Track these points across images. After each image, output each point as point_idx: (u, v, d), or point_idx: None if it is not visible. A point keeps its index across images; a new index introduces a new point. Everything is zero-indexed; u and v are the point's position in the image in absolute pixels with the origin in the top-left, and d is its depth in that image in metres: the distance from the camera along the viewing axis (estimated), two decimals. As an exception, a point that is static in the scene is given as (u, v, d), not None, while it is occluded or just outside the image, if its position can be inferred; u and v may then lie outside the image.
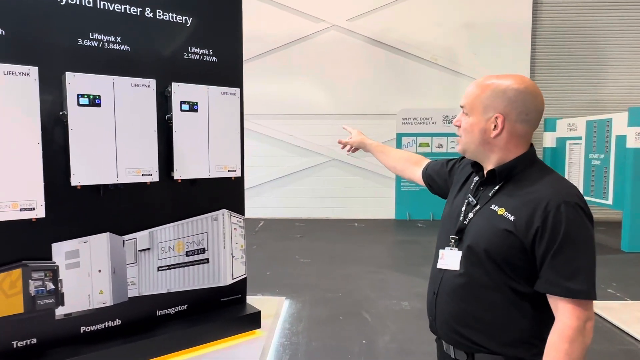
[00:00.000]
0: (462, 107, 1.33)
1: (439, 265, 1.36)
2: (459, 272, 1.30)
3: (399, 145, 8.14)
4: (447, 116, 8.11)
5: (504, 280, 1.22)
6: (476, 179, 1.39)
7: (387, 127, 8.18)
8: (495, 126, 1.26)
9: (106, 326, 2.72)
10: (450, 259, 1.32)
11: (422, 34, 8.12)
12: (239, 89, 3.14)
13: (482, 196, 1.32)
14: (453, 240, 1.33)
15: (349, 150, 2.07)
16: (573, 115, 7.73)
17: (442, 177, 1.63)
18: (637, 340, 3.27)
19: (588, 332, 1.15)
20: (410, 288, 4.43)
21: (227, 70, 3.10)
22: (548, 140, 7.90)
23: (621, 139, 5.96)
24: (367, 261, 5.42)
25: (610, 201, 6.14)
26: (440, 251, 1.37)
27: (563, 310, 1.16)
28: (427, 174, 1.71)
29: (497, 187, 1.29)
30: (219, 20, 3.06)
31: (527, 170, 1.28)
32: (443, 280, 1.34)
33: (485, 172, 1.35)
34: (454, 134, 8.33)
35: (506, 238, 1.21)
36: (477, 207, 1.31)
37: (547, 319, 1.21)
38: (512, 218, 1.21)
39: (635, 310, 3.79)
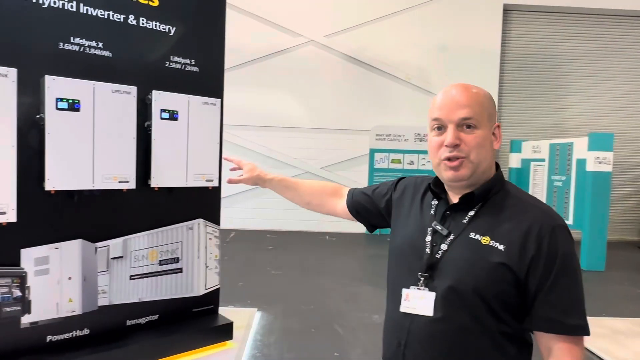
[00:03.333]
0: (465, 119, 1.08)
1: (404, 309, 1.12)
2: (434, 317, 1.07)
3: (372, 161, 8.28)
4: (419, 134, 8.33)
5: (492, 322, 1.04)
6: (434, 202, 1.19)
7: (360, 143, 8.33)
8: (494, 137, 1.13)
9: (74, 336, 2.64)
10: (420, 301, 1.09)
11: (397, 53, 8.35)
12: (219, 100, 3.16)
13: (454, 224, 1.12)
14: (422, 279, 1.10)
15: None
16: (537, 138, 8.09)
17: (373, 204, 1.41)
18: (597, 356, 3.43)
19: None
20: (381, 301, 4.47)
21: (208, 81, 3.12)
22: (514, 161, 8.22)
23: (581, 162, 6.27)
24: (339, 274, 5.46)
25: (571, 221, 6.43)
26: (404, 291, 1.13)
27: (560, 351, 1.02)
28: (354, 202, 1.47)
29: (473, 212, 1.11)
30: (202, 31, 3.09)
31: (501, 191, 1.13)
32: (412, 328, 1.11)
33: (451, 195, 1.17)
34: (425, 152, 8.58)
35: (499, 272, 1.03)
36: (452, 237, 1.10)
37: (528, 358, 1.11)
38: (501, 247, 1.04)
39: (595, 326, 3.97)
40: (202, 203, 3.16)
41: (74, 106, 2.51)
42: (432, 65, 8.43)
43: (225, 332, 3.19)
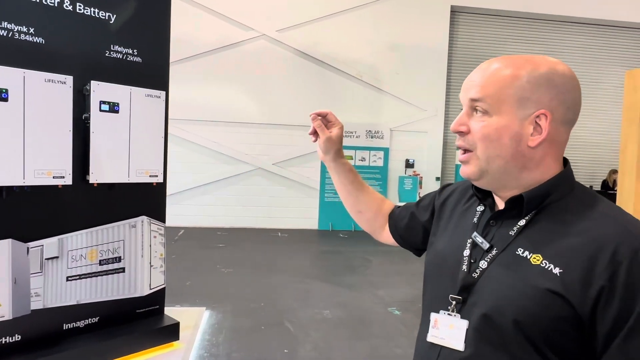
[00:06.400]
0: (474, 100, 0.85)
1: (431, 338, 0.90)
2: (465, 353, 0.84)
3: (324, 156, 8.30)
4: (370, 131, 8.44)
5: None
6: (480, 208, 0.95)
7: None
8: (534, 129, 0.83)
9: (3, 342, 2.45)
10: (449, 330, 0.87)
11: (349, 50, 8.42)
12: (164, 92, 3.04)
13: (498, 235, 0.87)
14: (454, 302, 0.88)
15: (316, 134, 1.19)
16: (482, 135, 8.40)
17: (418, 222, 1.14)
18: None
19: None
20: (332, 297, 4.52)
21: (152, 72, 2.99)
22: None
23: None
24: (290, 271, 5.44)
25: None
26: (433, 315, 0.91)
27: None
28: (397, 226, 1.19)
29: (524, 222, 0.85)
30: (145, 20, 2.95)
31: (567, 197, 0.86)
32: None
33: (497, 200, 0.92)
34: (377, 148, 8.73)
35: (550, 303, 0.76)
36: (494, 252, 0.86)
37: None
38: (556, 271, 0.77)
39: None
40: (145, 199, 3.03)
41: (1, 95, 2.32)
42: (382, 63, 8.56)
43: (171, 332, 3.08)
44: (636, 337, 0.73)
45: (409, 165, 8.55)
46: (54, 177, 2.54)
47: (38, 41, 2.48)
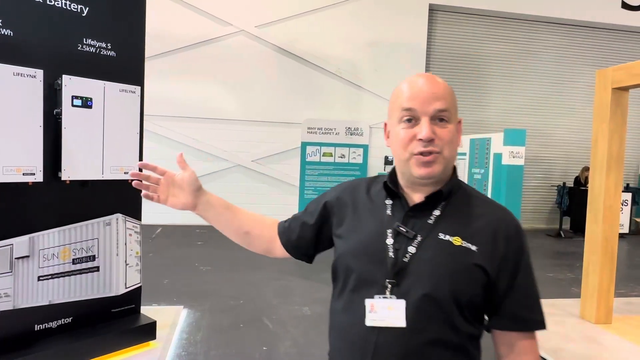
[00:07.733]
0: (442, 110, 1.01)
1: (371, 322, 0.98)
2: (408, 328, 0.96)
3: (303, 154, 8.28)
4: (349, 128, 8.45)
5: (464, 327, 0.99)
6: (389, 202, 1.09)
7: (292, 136, 8.30)
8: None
9: (-29, 345, 2.38)
10: (388, 311, 0.97)
11: (328, 47, 8.41)
12: (139, 87, 2.98)
13: (418, 225, 1.03)
14: (390, 286, 0.99)
15: (149, 189, 1.28)
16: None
17: (309, 228, 1.23)
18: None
19: None
20: (312, 293, 4.52)
21: (127, 67, 2.93)
22: (438, 154, 8.61)
23: (498, 157, 6.71)
24: (270, 268, 5.42)
25: (488, 211, 6.85)
26: (368, 302, 1.00)
27: (524, 347, 1.02)
28: (289, 238, 1.25)
29: (439, 212, 1.04)
30: (119, 13, 2.89)
31: (460, 189, 1.09)
32: (380, 342, 0.97)
33: (410, 195, 1.08)
34: (356, 145, 8.74)
35: (475, 274, 0.98)
36: (419, 238, 1.01)
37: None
38: (474, 248, 0.99)
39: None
40: (120, 197, 2.97)
41: (-33, 89, 2.24)
42: (361, 60, 8.58)
43: (147, 331, 3.03)
44: (522, 285, 1.02)
45: (388, 162, 8.60)
46: (23, 174, 2.46)
47: (6, 33, 2.40)
